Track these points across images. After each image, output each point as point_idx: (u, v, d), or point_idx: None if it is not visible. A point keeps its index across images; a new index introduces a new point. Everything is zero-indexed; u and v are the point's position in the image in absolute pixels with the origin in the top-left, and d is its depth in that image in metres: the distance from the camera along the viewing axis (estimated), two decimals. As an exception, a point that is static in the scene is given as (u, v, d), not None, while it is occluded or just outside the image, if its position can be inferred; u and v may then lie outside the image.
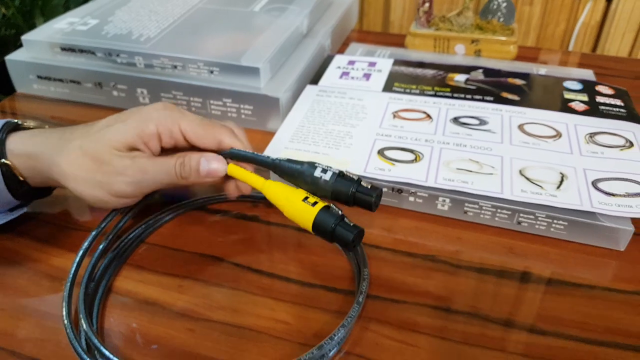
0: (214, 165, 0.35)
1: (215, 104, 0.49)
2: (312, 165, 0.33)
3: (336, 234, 0.31)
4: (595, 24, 0.97)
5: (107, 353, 0.28)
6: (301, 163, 0.34)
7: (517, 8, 0.98)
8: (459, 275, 0.35)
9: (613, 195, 0.37)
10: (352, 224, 0.31)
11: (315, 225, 0.31)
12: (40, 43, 0.52)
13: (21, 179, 0.35)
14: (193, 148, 0.36)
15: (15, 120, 0.37)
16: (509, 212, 0.37)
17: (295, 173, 0.33)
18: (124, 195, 0.34)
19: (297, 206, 0.32)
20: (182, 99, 0.49)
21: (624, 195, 0.37)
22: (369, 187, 0.32)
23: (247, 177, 0.35)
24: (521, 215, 0.36)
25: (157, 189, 0.35)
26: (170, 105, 0.36)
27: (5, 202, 0.36)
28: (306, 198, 0.32)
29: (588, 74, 0.54)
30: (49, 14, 0.95)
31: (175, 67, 0.49)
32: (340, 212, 0.32)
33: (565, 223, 0.36)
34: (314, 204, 0.32)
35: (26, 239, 0.38)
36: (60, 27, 0.54)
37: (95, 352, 0.28)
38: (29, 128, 0.37)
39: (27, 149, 0.35)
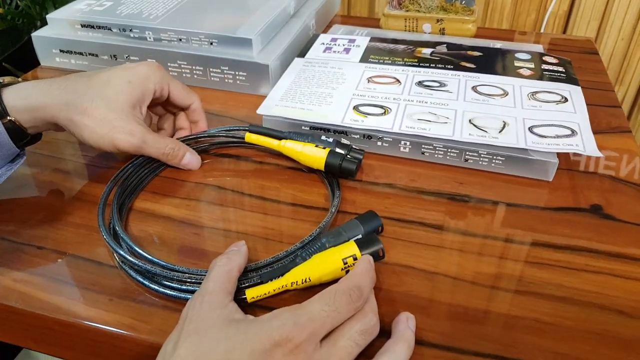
0: (194, 160, 0.45)
1: (214, 72, 0.57)
2: (317, 134, 0.45)
3: (343, 168, 0.42)
4: (563, 13, 1.05)
5: (127, 240, 0.36)
6: (307, 134, 0.45)
7: (491, -1, 1.06)
8: (413, 197, 0.43)
9: (545, 137, 0.45)
10: (352, 159, 0.42)
11: (327, 164, 0.42)
12: (63, 21, 0.60)
13: (24, 130, 0.40)
14: (165, 106, 0.46)
15: None
16: (458, 151, 0.45)
17: (304, 138, 0.44)
18: (122, 150, 0.42)
19: (310, 152, 0.43)
20: (186, 68, 0.57)
21: (554, 137, 0.45)
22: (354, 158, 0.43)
23: (264, 142, 0.45)
24: (467, 153, 0.45)
25: (143, 154, 0.43)
26: (160, 66, 0.44)
27: (9, 153, 0.41)
28: (316, 145, 0.42)
29: (538, 48, 0.62)
30: (60, 5, 1.03)
31: (180, 40, 0.57)
32: (342, 152, 0.42)
33: (503, 158, 0.44)
34: (323, 149, 0.42)
35: (58, 172, 0.46)
36: (80, 7, 0.62)
37: (121, 241, 0.37)
38: (13, 83, 0.41)
39: (29, 102, 0.39)
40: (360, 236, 0.36)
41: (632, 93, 1.10)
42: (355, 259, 0.33)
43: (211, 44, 0.56)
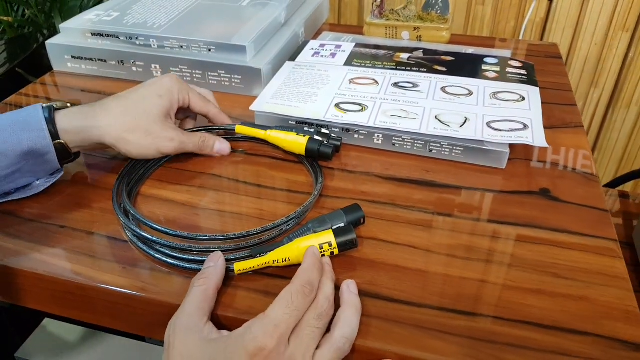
0: (224, 146, 0.52)
1: (212, 75, 0.63)
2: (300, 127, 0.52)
3: (321, 152, 0.49)
4: (540, 20, 1.12)
5: (138, 215, 0.42)
6: (291, 127, 0.52)
7: (471, 8, 1.13)
8: (386, 183, 0.49)
9: (500, 130, 0.51)
10: (329, 145, 0.49)
11: (307, 149, 0.49)
12: (75, 30, 0.67)
13: (69, 151, 0.46)
14: (186, 113, 0.53)
15: (52, 104, 0.46)
16: (423, 143, 0.51)
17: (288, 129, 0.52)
18: (165, 153, 0.49)
19: (292, 139, 0.50)
20: (187, 72, 0.64)
21: (508, 130, 0.51)
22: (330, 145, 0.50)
23: (252, 131, 0.52)
24: (431, 144, 0.51)
25: (183, 152, 0.51)
26: (179, 79, 0.51)
27: (51, 169, 0.47)
28: (298, 134, 0.49)
29: (506, 53, 0.69)
30: (67, 14, 1.10)
31: (182, 47, 0.63)
32: (320, 139, 0.49)
33: (462, 149, 0.50)
34: (303, 137, 0.49)
35: (72, 164, 0.52)
36: (90, 17, 0.68)
37: (130, 217, 0.43)
38: (65, 107, 0.46)
39: (77, 124, 0.45)
40: (342, 225, 0.41)
41: (606, 95, 1.17)
42: (330, 245, 0.39)
43: (209, 50, 0.62)
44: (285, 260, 0.39)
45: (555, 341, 0.35)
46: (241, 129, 0.53)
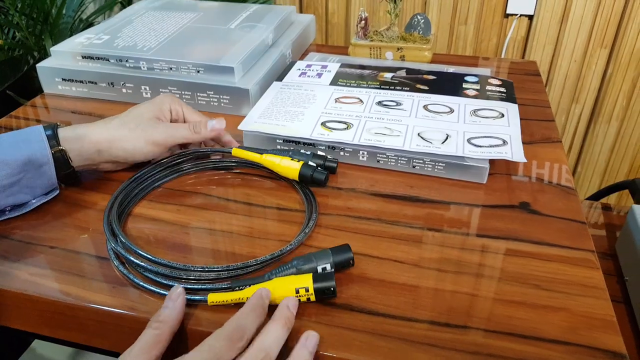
0: (217, 124, 0.53)
1: (201, 96, 0.64)
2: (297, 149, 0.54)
3: (314, 178, 0.49)
4: (521, 39, 1.16)
5: (122, 238, 0.43)
6: (288, 149, 0.53)
7: (454, 27, 1.16)
8: (372, 199, 0.50)
9: (480, 146, 0.53)
10: (322, 171, 0.50)
11: (300, 174, 0.49)
12: (66, 53, 0.68)
13: (69, 162, 0.48)
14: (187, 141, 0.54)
15: (57, 123, 0.49)
16: (406, 159, 0.53)
17: (284, 153, 0.52)
18: (158, 142, 0.50)
19: (286, 164, 0.50)
20: (176, 93, 0.65)
21: (488, 146, 0.53)
22: (324, 171, 0.51)
23: (248, 155, 0.52)
24: (414, 161, 0.53)
25: (180, 142, 0.52)
26: (174, 96, 0.54)
27: (48, 184, 0.48)
28: (292, 159, 0.50)
29: (486, 72, 0.71)
30: (57, 37, 1.11)
31: (171, 68, 0.65)
32: (314, 164, 0.50)
33: (444, 164, 0.52)
34: (297, 162, 0.50)
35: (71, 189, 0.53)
36: (80, 41, 0.70)
37: (118, 240, 0.44)
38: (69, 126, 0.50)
39: (77, 132, 0.48)
40: (328, 265, 0.40)
41: (587, 111, 1.20)
42: (307, 290, 0.38)
43: (198, 71, 0.64)
44: None
45: (537, 351, 0.36)
46: (238, 152, 0.53)
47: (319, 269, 0.40)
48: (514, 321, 0.38)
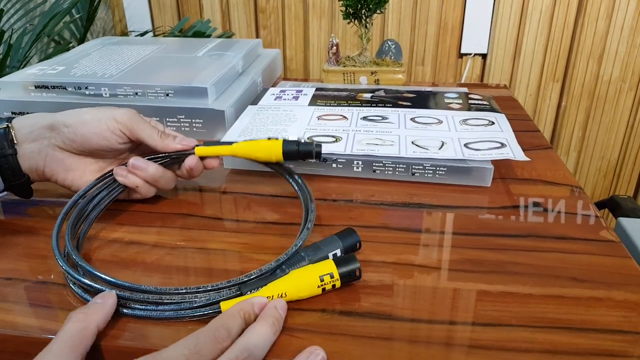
0: (185, 140, 0.45)
1: (171, 121, 0.59)
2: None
3: (301, 151, 0.42)
4: (476, 77, 1.19)
5: (81, 262, 0.36)
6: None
7: (412, 68, 1.19)
8: (372, 208, 0.46)
9: (479, 150, 0.50)
10: (309, 142, 0.42)
11: (285, 152, 0.42)
12: (15, 83, 0.61)
13: (13, 142, 0.42)
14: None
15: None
16: (405, 166, 0.49)
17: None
18: (120, 120, 0.42)
19: (265, 146, 0.43)
20: (143, 119, 0.59)
21: (487, 149, 0.50)
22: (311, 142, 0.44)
23: (216, 149, 0.45)
24: (414, 167, 0.49)
25: (141, 138, 0.43)
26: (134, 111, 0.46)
27: None
28: (269, 138, 0.43)
29: (463, 90, 0.70)
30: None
31: (137, 93, 0.59)
32: (296, 138, 0.43)
33: (445, 169, 0.49)
34: (276, 139, 0.43)
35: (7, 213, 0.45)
36: (33, 72, 0.64)
37: (78, 268, 0.36)
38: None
39: (31, 116, 0.43)
40: (338, 251, 0.37)
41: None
42: (332, 277, 0.34)
43: (167, 95, 0.59)
44: (282, 296, 0.33)
45: (596, 344, 0.31)
46: (202, 151, 0.44)
47: (330, 256, 0.36)
48: (562, 315, 0.33)
